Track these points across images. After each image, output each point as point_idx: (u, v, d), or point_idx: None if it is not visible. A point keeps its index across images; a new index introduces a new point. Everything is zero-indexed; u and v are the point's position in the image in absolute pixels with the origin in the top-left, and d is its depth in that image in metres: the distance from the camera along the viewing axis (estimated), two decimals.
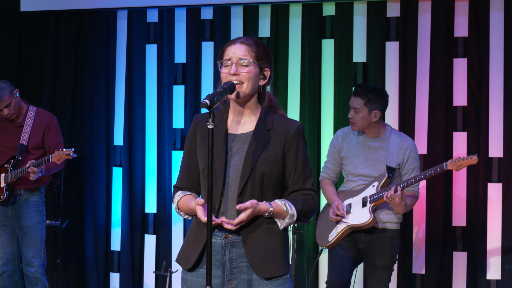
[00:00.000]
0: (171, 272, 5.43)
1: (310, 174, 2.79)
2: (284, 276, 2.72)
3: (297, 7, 5.66)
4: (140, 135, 6.01)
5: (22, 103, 5.14)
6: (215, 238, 2.71)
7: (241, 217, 2.62)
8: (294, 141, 2.74)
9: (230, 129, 2.78)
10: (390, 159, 4.39)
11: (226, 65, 2.75)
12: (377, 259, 4.40)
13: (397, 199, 4.21)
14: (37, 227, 5.04)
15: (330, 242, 4.44)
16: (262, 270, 2.67)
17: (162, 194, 5.95)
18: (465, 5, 5.36)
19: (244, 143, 2.73)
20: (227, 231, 2.69)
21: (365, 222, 4.34)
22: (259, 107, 2.80)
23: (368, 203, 4.36)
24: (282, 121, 2.77)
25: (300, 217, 2.73)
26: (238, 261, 2.70)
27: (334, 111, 5.60)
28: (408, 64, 5.48)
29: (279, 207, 2.69)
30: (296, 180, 2.75)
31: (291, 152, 2.74)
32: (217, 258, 2.71)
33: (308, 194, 2.77)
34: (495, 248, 5.26)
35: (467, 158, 4.26)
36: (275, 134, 2.73)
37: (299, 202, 2.73)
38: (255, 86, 2.75)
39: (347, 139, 4.52)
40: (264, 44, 2.81)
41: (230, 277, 2.71)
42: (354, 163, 4.47)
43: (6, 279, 5.11)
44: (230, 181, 2.70)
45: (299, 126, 2.78)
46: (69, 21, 6.13)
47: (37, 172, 4.85)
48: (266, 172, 2.68)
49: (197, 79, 5.89)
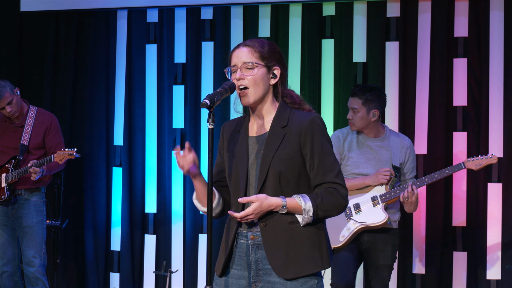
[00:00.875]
0: (171, 272, 5.43)
1: (331, 166, 2.66)
2: (312, 276, 2.65)
3: (297, 7, 5.66)
4: (140, 135, 6.01)
5: (23, 102, 5.15)
6: (242, 239, 2.70)
7: (247, 211, 2.60)
8: (309, 134, 2.66)
9: (250, 133, 2.77)
10: (395, 158, 4.40)
11: (234, 71, 2.72)
12: (380, 258, 4.40)
13: (414, 198, 4.25)
14: (37, 227, 5.04)
15: (342, 242, 4.39)
16: (284, 271, 2.63)
17: (162, 194, 5.94)
18: (465, 5, 5.36)
19: (262, 144, 2.71)
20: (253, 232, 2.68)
21: (380, 221, 4.34)
22: (275, 105, 2.76)
23: (380, 202, 4.36)
24: (298, 116, 2.70)
25: (320, 212, 2.62)
26: (264, 263, 2.67)
27: (334, 111, 5.59)
28: (408, 64, 5.48)
29: (294, 201, 2.62)
30: (315, 174, 2.66)
31: (307, 146, 2.66)
32: (244, 259, 2.70)
33: (330, 187, 2.65)
34: (495, 248, 5.26)
35: (486, 157, 4.27)
36: (290, 130, 2.68)
37: (319, 196, 2.63)
38: (265, 88, 2.71)
39: (347, 140, 4.53)
40: (271, 43, 2.77)
41: (256, 278, 2.68)
42: (356, 163, 4.46)
43: (6, 279, 5.11)
44: (252, 184, 2.68)
45: (313, 118, 2.69)
46: (69, 21, 6.13)
47: (39, 172, 4.85)
48: (282, 170, 2.64)
49: (197, 79, 5.89)
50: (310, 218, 2.63)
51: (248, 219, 2.63)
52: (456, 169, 4.30)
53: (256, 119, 2.77)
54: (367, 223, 4.37)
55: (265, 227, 2.65)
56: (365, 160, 4.45)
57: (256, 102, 2.71)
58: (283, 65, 2.76)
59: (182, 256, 5.88)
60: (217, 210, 2.80)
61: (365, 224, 4.37)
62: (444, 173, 4.31)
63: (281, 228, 2.64)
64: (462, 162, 4.31)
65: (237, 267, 2.72)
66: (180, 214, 5.86)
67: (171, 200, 5.90)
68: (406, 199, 4.26)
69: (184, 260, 5.88)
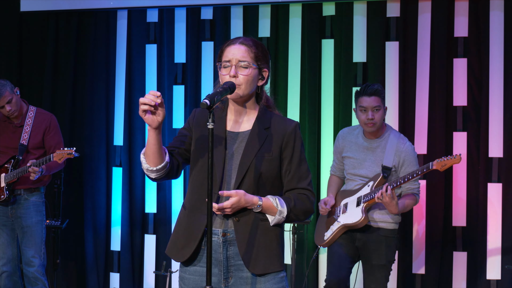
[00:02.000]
0: (171, 272, 5.43)
1: (306, 173, 2.78)
2: (279, 273, 2.73)
3: (297, 7, 5.66)
4: (140, 135, 6.01)
5: (22, 102, 5.15)
6: (213, 236, 2.71)
7: (225, 204, 2.64)
8: (291, 140, 2.75)
9: (228, 128, 2.80)
10: (386, 159, 4.40)
11: (226, 66, 2.74)
12: (373, 258, 4.41)
13: (387, 198, 4.22)
14: (37, 227, 5.04)
15: (325, 241, 4.50)
16: (254, 266, 2.69)
17: (162, 194, 5.95)
18: (465, 5, 5.36)
19: (242, 141, 2.75)
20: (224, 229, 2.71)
21: (356, 221, 4.37)
22: (257, 106, 2.82)
23: (362, 202, 4.38)
24: (279, 120, 2.79)
25: (292, 215, 2.73)
26: (236, 259, 2.71)
27: (334, 111, 5.59)
28: (408, 64, 5.48)
29: (269, 201, 2.70)
30: (291, 179, 2.76)
31: (287, 151, 2.75)
32: (215, 256, 2.72)
33: (302, 194, 2.76)
34: (495, 248, 5.26)
35: (451, 157, 4.26)
36: (272, 133, 2.75)
37: (292, 200, 2.73)
38: (253, 87, 2.76)
39: (346, 140, 4.55)
40: (263, 44, 2.83)
41: (227, 275, 2.72)
42: (353, 164, 4.49)
43: (6, 279, 5.11)
44: (228, 179, 2.72)
45: (296, 126, 2.79)
46: (69, 21, 6.13)
47: (38, 172, 4.85)
48: (263, 170, 2.70)
49: (197, 79, 5.89)
50: (282, 219, 2.73)
51: (225, 212, 2.67)
52: (425, 170, 4.28)
53: (236, 115, 2.80)
54: (342, 223, 4.42)
55: (238, 222, 2.70)
56: (362, 161, 4.47)
57: (242, 98, 2.76)
58: (269, 68, 2.83)
59: None
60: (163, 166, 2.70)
61: (342, 224, 4.41)
62: (414, 174, 4.30)
63: (253, 224, 2.71)
64: (431, 163, 4.29)
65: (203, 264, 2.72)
66: None
67: (171, 200, 5.90)
68: (381, 199, 4.25)
69: None
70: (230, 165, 2.72)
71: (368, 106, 4.39)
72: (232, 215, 2.70)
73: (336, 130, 5.44)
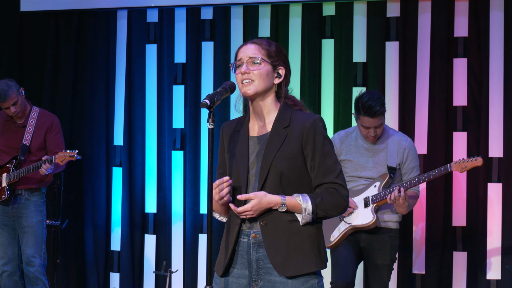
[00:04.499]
0: (171, 272, 5.43)
1: (332, 167, 2.67)
2: (312, 278, 2.66)
3: (297, 7, 5.66)
4: (140, 135, 6.01)
5: (26, 103, 5.16)
6: (243, 238, 2.70)
7: (245, 207, 2.61)
8: (311, 135, 2.67)
9: (251, 132, 2.77)
10: (391, 159, 4.39)
11: (239, 65, 2.72)
12: (378, 258, 4.40)
13: (400, 200, 4.22)
14: (37, 227, 5.05)
15: (332, 242, 4.44)
16: (284, 269, 2.63)
17: (162, 194, 5.95)
18: (465, 5, 5.36)
19: (263, 144, 2.71)
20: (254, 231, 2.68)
21: (368, 222, 4.35)
22: (277, 106, 2.76)
23: (371, 203, 4.36)
24: (300, 117, 2.71)
25: (319, 212, 2.63)
26: (265, 261, 2.67)
27: (334, 111, 5.59)
28: (408, 64, 5.48)
29: (294, 199, 2.63)
30: (316, 174, 2.67)
31: (308, 147, 2.67)
32: (245, 258, 2.70)
33: (331, 188, 2.66)
34: (495, 248, 5.26)
35: (472, 159, 4.24)
36: (291, 130, 2.69)
37: (319, 195, 2.64)
38: (268, 84, 2.71)
39: (345, 143, 4.52)
40: (278, 44, 2.79)
41: (257, 277, 2.68)
42: (354, 166, 4.46)
43: (6, 279, 5.12)
44: (254, 184, 2.69)
45: (315, 120, 2.69)
46: (69, 21, 6.13)
47: (49, 169, 4.86)
48: (284, 170, 2.65)
49: (197, 79, 5.89)
50: (310, 217, 2.64)
51: (246, 215, 2.64)
52: (443, 171, 4.27)
53: (257, 119, 2.77)
54: (353, 224, 4.39)
55: (265, 226, 2.65)
56: (363, 163, 4.45)
57: (256, 94, 2.71)
58: (288, 67, 2.77)
59: (182, 256, 5.88)
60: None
61: (352, 225, 4.38)
62: (431, 175, 4.29)
63: (281, 226, 2.65)
64: (449, 164, 4.27)
65: (238, 266, 2.72)
66: (180, 214, 5.87)
67: (171, 200, 5.90)
68: (394, 201, 4.25)
69: (184, 260, 5.88)
70: (254, 170, 2.69)
71: (370, 126, 4.36)
72: (259, 218, 2.66)
73: (336, 130, 5.43)
